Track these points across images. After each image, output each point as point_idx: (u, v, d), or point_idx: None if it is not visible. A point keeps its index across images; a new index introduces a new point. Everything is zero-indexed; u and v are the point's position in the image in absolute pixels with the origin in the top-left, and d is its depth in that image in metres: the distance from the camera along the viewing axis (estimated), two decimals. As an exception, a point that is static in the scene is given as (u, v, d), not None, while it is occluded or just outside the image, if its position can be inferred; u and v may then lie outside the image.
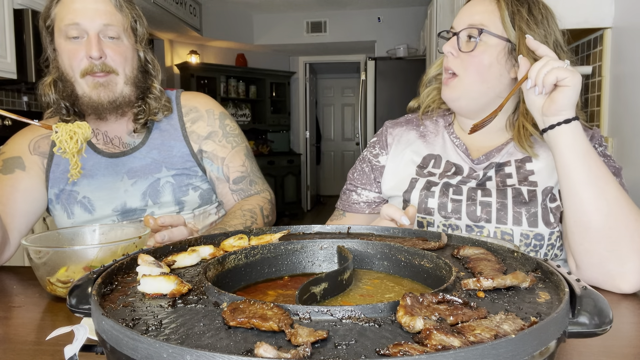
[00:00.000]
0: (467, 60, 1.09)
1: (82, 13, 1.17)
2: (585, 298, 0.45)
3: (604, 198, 0.90)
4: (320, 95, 9.27)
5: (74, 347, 0.46)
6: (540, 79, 0.91)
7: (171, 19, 5.20)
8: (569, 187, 0.92)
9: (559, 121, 0.92)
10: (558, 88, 0.91)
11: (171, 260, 0.63)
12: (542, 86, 0.92)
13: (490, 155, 1.14)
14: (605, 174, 0.91)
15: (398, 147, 1.24)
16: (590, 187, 0.90)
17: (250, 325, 0.41)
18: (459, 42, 1.10)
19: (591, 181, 0.90)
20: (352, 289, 0.62)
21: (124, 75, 1.24)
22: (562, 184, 0.94)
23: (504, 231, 1.04)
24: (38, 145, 1.30)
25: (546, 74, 0.90)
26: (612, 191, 0.90)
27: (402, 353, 0.36)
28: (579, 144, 0.91)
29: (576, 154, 0.91)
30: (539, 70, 0.91)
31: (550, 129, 0.93)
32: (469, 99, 1.12)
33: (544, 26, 1.08)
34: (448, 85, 1.13)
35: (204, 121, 1.38)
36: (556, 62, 0.90)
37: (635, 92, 1.76)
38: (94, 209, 1.29)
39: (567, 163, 0.92)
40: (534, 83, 0.93)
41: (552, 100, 0.91)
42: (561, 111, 0.91)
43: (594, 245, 0.90)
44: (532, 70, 0.93)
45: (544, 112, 0.94)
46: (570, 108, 0.91)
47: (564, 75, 0.88)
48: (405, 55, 5.09)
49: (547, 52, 0.94)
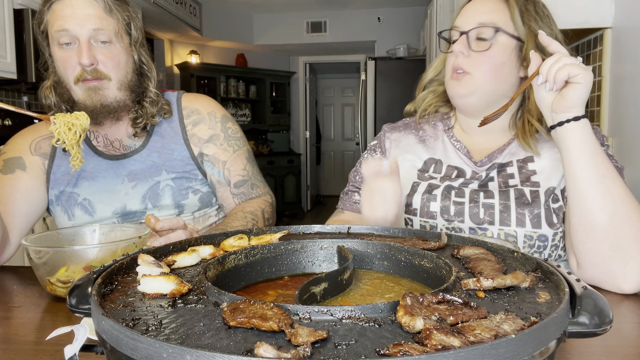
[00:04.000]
0: (480, 59, 1.08)
1: (71, 19, 1.16)
2: (585, 298, 0.45)
3: (610, 197, 0.89)
4: (320, 95, 9.27)
5: (74, 347, 0.46)
6: (551, 75, 0.90)
7: (171, 19, 5.19)
8: (575, 185, 0.92)
9: (568, 118, 0.91)
10: (569, 85, 0.90)
11: (171, 260, 0.63)
12: (554, 82, 0.90)
13: (493, 157, 1.13)
14: (612, 173, 0.90)
15: (397, 152, 1.24)
16: (596, 185, 0.90)
17: (250, 325, 0.41)
18: (469, 41, 1.09)
19: (598, 180, 0.90)
20: (352, 289, 0.62)
21: (117, 80, 1.22)
22: (568, 182, 0.93)
23: (508, 233, 1.03)
24: (39, 146, 1.30)
25: (558, 70, 0.89)
26: (619, 191, 0.90)
27: (402, 353, 0.36)
28: (587, 142, 0.90)
29: (584, 152, 0.90)
30: (551, 66, 0.90)
31: (559, 126, 0.92)
32: (479, 96, 1.11)
33: (548, 24, 1.09)
34: (459, 81, 1.11)
35: (206, 124, 1.37)
36: (568, 59, 0.89)
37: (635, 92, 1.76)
38: (94, 211, 1.29)
39: (574, 161, 0.91)
40: (545, 79, 0.92)
41: (562, 97, 0.90)
42: (571, 108, 0.90)
43: (597, 244, 0.90)
44: (544, 66, 0.92)
45: (553, 109, 0.93)
46: (580, 105, 0.90)
47: (576, 72, 0.87)
48: (405, 55, 5.09)
49: (559, 48, 0.93)
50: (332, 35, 6.72)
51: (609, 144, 1.10)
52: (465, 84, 1.10)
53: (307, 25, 6.73)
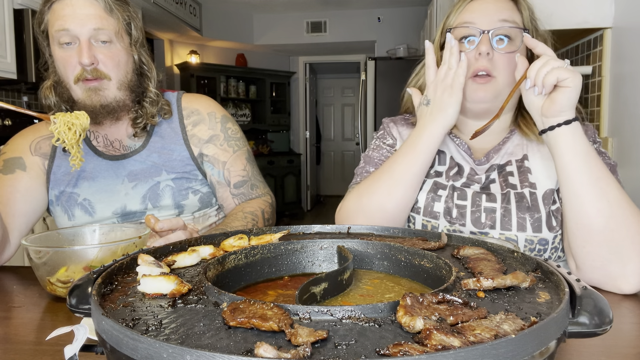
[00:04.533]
0: (506, 62, 1.04)
1: (71, 19, 1.16)
2: (585, 298, 0.45)
3: (605, 200, 0.88)
4: (320, 95, 9.27)
5: (74, 347, 0.46)
6: (540, 79, 0.89)
7: (171, 19, 5.20)
8: (570, 189, 0.91)
9: (559, 122, 0.90)
10: (558, 89, 0.89)
11: (171, 260, 0.63)
12: (542, 86, 0.90)
13: (490, 157, 1.13)
14: (606, 175, 0.89)
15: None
16: (591, 189, 0.88)
17: (250, 325, 0.41)
18: (491, 41, 1.04)
19: (592, 183, 0.88)
20: (352, 289, 0.62)
21: (117, 80, 1.22)
22: (563, 186, 0.92)
23: (509, 237, 1.03)
24: (39, 146, 1.30)
25: (546, 74, 0.88)
26: (614, 192, 0.89)
27: (402, 353, 0.36)
28: (579, 145, 0.90)
29: (577, 156, 0.89)
30: (539, 70, 0.89)
31: (550, 130, 0.92)
32: (498, 101, 1.07)
33: (541, 25, 1.09)
34: (485, 85, 1.06)
35: (205, 124, 1.37)
36: (556, 62, 0.88)
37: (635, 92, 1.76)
38: (94, 211, 1.29)
39: (567, 165, 0.90)
40: (533, 83, 0.91)
41: (552, 101, 0.90)
42: (561, 112, 0.89)
43: (596, 247, 0.89)
44: (532, 70, 0.91)
45: (543, 113, 0.92)
46: (570, 109, 0.89)
47: (565, 76, 0.87)
48: (405, 55, 5.09)
49: (546, 50, 0.92)
50: (332, 35, 6.72)
51: (600, 141, 1.09)
52: (491, 88, 1.06)
53: (307, 25, 6.73)
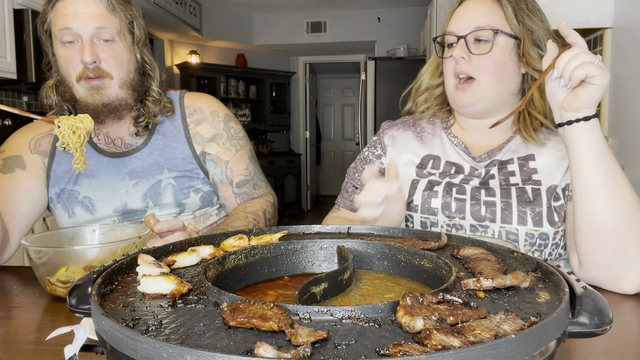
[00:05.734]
0: (483, 62, 1.07)
1: (74, 17, 1.16)
2: (585, 298, 0.45)
3: (617, 200, 0.87)
4: (320, 95, 9.27)
5: (74, 347, 0.46)
6: (568, 72, 0.85)
7: (171, 19, 5.19)
8: (583, 186, 0.89)
9: (578, 118, 0.87)
10: (585, 84, 0.85)
11: (171, 260, 0.63)
12: (569, 80, 0.86)
13: (492, 154, 1.13)
14: (620, 176, 0.88)
15: (395, 149, 1.24)
16: (604, 188, 0.87)
17: (250, 325, 0.41)
18: (468, 46, 1.07)
19: (606, 182, 0.87)
20: (352, 289, 0.62)
21: (119, 78, 1.22)
22: (575, 183, 0.91)
23: (509, 231, 1.03)
24: (39, 143, 1.30)
25: (575, 68, 0.84)
26: (626, 193, 0.88)
27: (402, 353, 0.36)
28: (596, 143, 0.87)
29: (593, 153, 0.87)
30: (568, 62, 0.85)
31: (568, 125, 0.89)
32: (486, 100, 1.09)
33: (540, 18, 1.09)
34: (466, 91, 1.09)
35: (208, 123, 1.37)
36: (587, 56, 0.84)
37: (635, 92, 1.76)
38: (94, 209, 1.28)
39: (582, 162, 0.88)
40: (560, 74, 0.87)
41: (575, 96, 0.86)
42: (583, 108, 0.86)
43: (602, 246, 0.89)
44: (561, 61, 0.86)
45: (564, 107, 0.89)
46: (593, 106, 0.86)
47: (595, 73, 0.83)
48: (405, 55, 5.09)
49: (578, 40, 0.87)
50: (332, 35, 6.72)
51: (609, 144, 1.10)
52: (472, 92, 1.09)
53: (307, 25, 6.73)
